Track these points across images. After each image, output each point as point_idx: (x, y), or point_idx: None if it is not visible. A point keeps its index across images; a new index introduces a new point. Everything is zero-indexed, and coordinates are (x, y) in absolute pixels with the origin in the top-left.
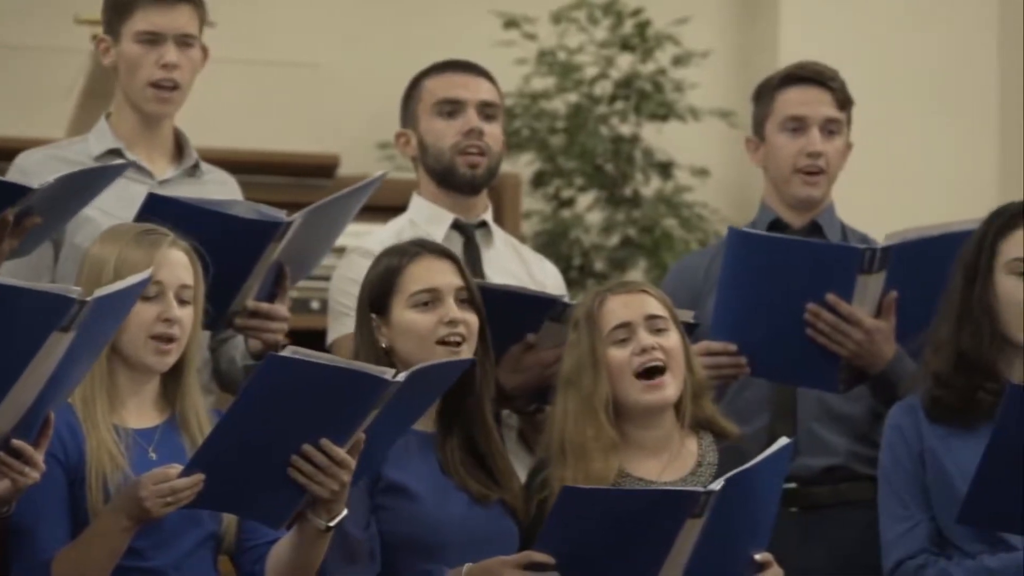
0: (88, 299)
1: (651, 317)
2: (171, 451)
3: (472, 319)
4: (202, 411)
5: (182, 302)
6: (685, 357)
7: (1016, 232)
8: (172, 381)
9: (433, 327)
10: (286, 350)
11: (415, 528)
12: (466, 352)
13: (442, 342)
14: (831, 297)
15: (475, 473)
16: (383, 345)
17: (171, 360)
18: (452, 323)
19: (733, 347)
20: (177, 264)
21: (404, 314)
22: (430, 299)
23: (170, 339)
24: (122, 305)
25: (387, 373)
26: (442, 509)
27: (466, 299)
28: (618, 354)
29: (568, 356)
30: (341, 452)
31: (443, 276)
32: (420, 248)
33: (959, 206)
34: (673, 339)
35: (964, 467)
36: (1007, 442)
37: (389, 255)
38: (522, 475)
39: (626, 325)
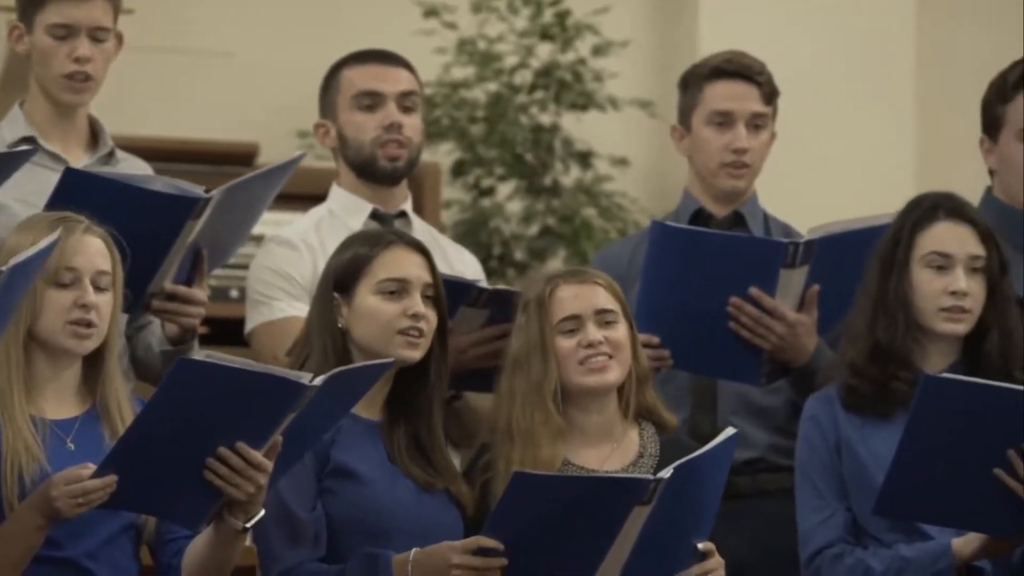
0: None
1: (600, 311)
2: (90, 442)
3: (433, 317)
4: (124, 400)
5: (99, 289)
6: (632, 346)
7: (933, 226)
8: (92, 369)
9: (396, 316)
10: (199, 353)
11: (363, 512)
12: (422, 348)
13: (402, 332)
14: (754, 291)
15: (419, 462)
16: (340, 326)
17: (91, 344)
18: (415, 316)
19: (656, 339)
20: (93, 250)
21: (369, 299)
22: (398, 288)
23: (88, 324)
24: (29, 274)
25: (304, 377)
26: (390, 494)
27: (431, 296)
28: (565, 344)
29: (516, 338)
30: (257, 455)
31: (414, 269)
32: (396, 237)
33: (877, 194)
34: (620, 331)
35: (880, 456)
36: (922, 432)
37: (363, 239)
38: None
39: (575, 317)
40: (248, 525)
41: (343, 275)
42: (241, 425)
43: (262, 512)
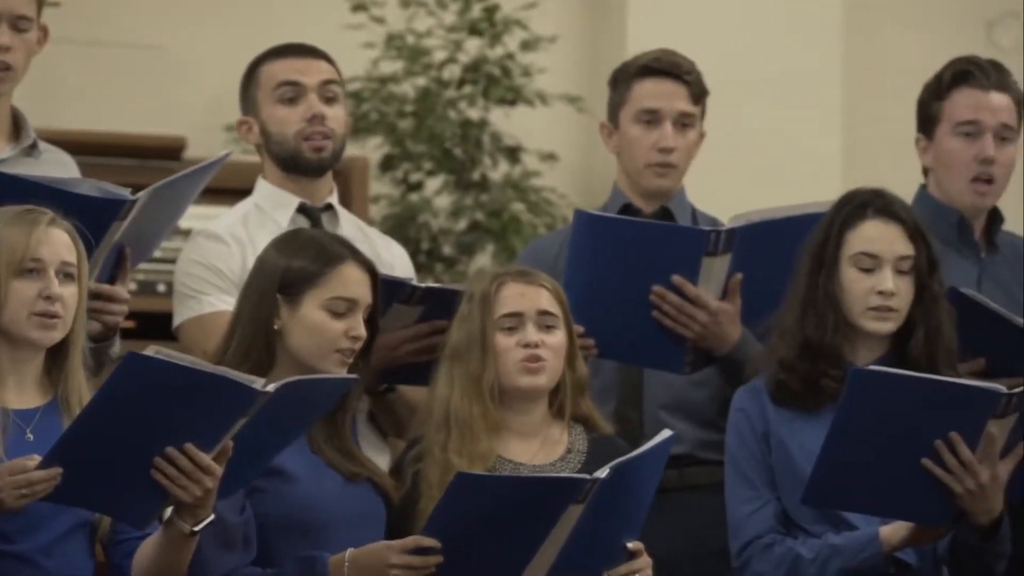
0: None
1: (543, 313)
2: (50, 434)
3: (364, 337)
4: (86, 393)
5: (64, 280)
6: (569, 353)
7: (862, 225)
8: (56, 362)
9: (338, 336)
10: (149, 349)
11: (293, 508)
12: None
13: (339, 351)
14: (677, 279)
15: (341, 452)
16: (276, 327)
17: (56, 335)
18: (355, 339)
19: (580, 329)
20: (58, 242)
21: (315, 312)
22: (345, 310)
23: (53, 315)
24: None
25: (256, 383)
26: (318, 487)
27: (368, 318)
28: (504, 341)
29: (458, 329)
30: (206, 458)
31: (363, 289)
32: (351, 253)
33: (805, 192)
34: (559, 337)
35: (808, 449)
36: (850, 424)
37: (319, 248)
38: (375, 457)
39: (517, 315)
40: (196, 529)
41: (293, 280)
42: (189, 426)
43: (212, 516)
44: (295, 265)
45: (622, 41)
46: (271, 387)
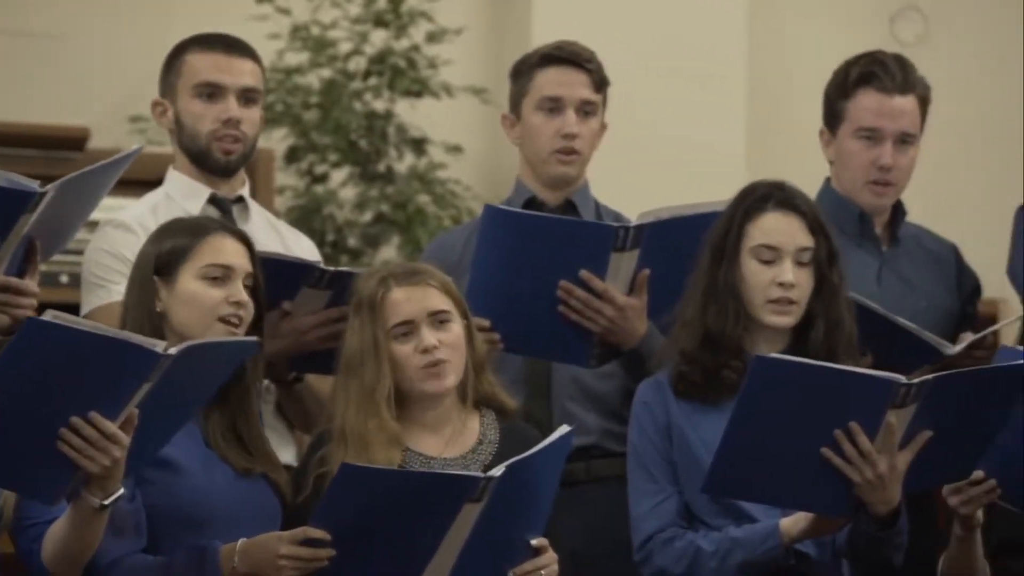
0: None
1: (433, 312)
2: None
3: (252, 307)
4: None
5: None
6: (467, 337)
7: (763, 217)
8: None
9: (218, 302)
10: (47, 315)
11: (182, 501)
12: (239, 336)
13: (223, 320)
14: (584, 274)
15: (236, 447)
16: (158, 309)
17: None
18: (237, 304)
19: (487, 322)
20: None
21: (191, 283)
22: (221, 275)
23: None
24: None
25: (158, 346)
26: (208, 481)
27: (251, 286)
28: (401, 349)
29: (350, 340)
30: (111, 426)
31: (237, 257)
32: (220, 226)
33: (709, 183)
34: (455, 331)
35: (709, 442)
36: (751, 412)
37: (186, 225)
38: (279, 449)
39: (409, 322)
40: (106, 503)
41: (166, 259)
42: (93, 393)
43: (121, 490)
44: (166, 246)
45: (527, 33)
46: (173, 350)
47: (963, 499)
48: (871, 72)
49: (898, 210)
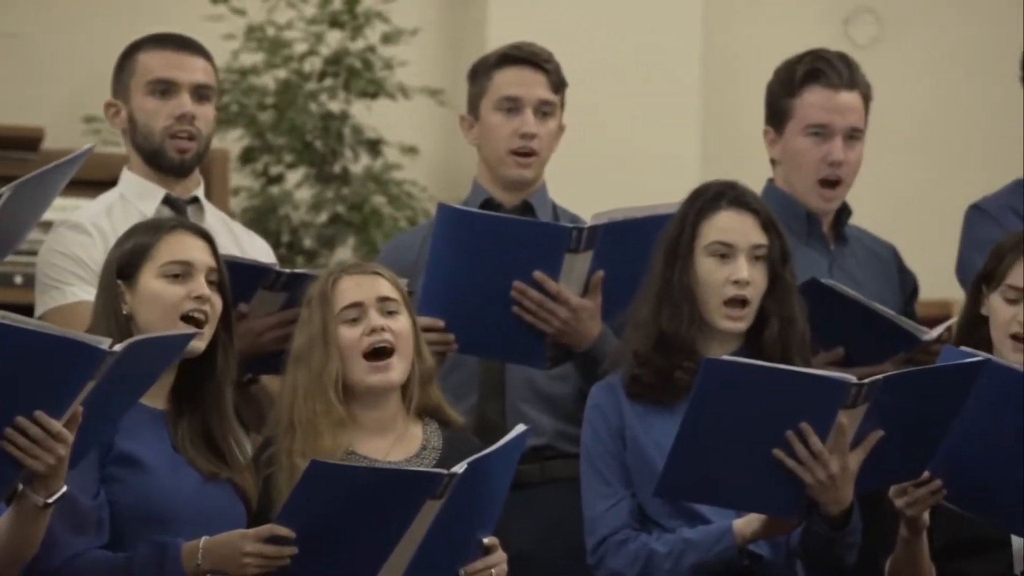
0: None
1: (383, 299)
2: None
3: (218, 302)
4: None
5: None
6: (415, 342)
7: (716, 215)
8: None
9: (180, 300)
10: None
11: (145, 501)
12: (207, 333)
13: (186, 317)
14: (538, 275)
15: (204, 453)
16: (124, 312)
17: None
18: (200, 299)
19: (441, 323)
20: None
21: (153, 283)
22: (182, 272)
23: None
24: None
25: (103, 343)
26: (174, 483)
27: (215, 281)
28: (348, 333)
29: (300, 334)
30: (57, 425)
31: (198, 253)
32: (179, 224)
33: (664, 184)
34: (403, 322)
35: (662, 444)
36: (703, 414)
37: (146, 226)
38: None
39: (358, 305)
40: (50, 501)
41: (127, 261)
42: (38, 392)
43: (64, 488)
44: (127, 248)
45: (482, 35)
46: (118, 347)
47: (909, 500)
48: (818, 69)
49: (843, 210)
